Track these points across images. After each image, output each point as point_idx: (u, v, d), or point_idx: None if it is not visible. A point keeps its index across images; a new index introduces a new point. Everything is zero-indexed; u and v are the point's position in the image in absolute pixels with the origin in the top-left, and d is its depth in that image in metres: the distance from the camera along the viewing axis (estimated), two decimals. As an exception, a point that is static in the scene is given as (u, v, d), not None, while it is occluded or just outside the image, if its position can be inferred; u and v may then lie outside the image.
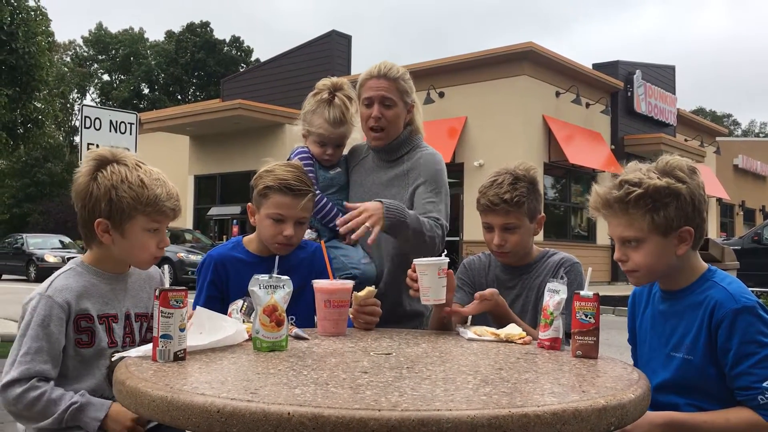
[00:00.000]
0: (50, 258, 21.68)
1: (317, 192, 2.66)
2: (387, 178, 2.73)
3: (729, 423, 1.80)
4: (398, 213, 2.41)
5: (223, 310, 2.24)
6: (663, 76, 24.22)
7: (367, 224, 2.34)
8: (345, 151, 2.87)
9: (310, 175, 2.64)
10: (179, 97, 55.02)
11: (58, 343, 1.88)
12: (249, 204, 2.44)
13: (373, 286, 2.34)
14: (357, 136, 2.84)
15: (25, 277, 22.08)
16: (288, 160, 2.75)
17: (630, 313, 2.20)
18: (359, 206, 2.38)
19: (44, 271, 20.85)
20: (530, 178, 2.38)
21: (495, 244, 2.37)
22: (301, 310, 2.31)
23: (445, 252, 2.31)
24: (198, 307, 1.89)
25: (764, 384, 1.76)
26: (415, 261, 2.22)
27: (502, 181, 2.34)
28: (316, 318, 2.26)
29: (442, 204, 2.65)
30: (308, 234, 2.69)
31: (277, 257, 2.06)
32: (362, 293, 2.24)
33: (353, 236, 2.37)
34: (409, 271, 2.27)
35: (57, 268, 2.06)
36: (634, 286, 2.10)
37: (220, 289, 2.36)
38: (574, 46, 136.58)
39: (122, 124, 7.56)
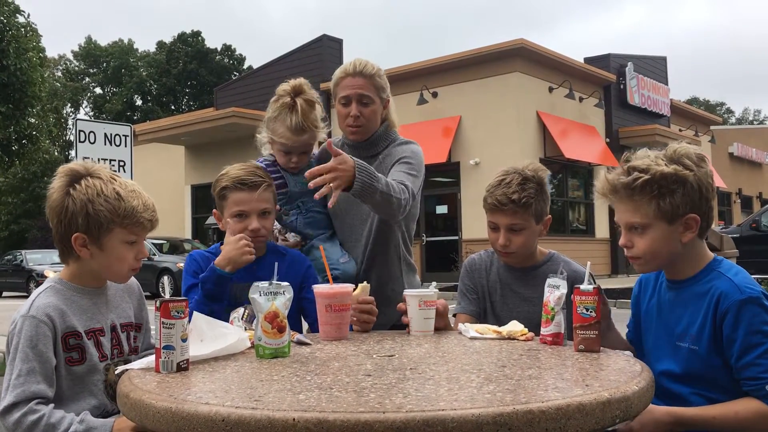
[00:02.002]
0: (50, 273, 21.59)
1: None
2: None
3: (738, 416, 1.79)
4: (369, 177, 2.28)
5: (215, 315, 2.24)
6: (655, 68, 24.25)
7: (331, 185, 2.21)
8: (316, 149, 2.82)
9: (279, 182, 2.64)
10: (173, 107, 55.01)
11: (50, 362, 1.86)
12: (214, 210, 2.49)
13: (365, 282, 2.35)
14: (324, 136, 2.76)
15: (25, 294, 22.04)
16: None
17: (634, 298, 2.20)
18: (331, 163, 2.23)
19: (44, 287, 20.80)
20: (539, 179, 2.36)
21: (500, 244, 2.35)
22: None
23: (427, 287, 2.28)
24: (195, 313, 1.88)
25: None
26: (405, 292, 2.24)
27: (511, 181, 2.32)
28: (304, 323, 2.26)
29: (417, 181, 2.60)
30: (291, 237, 2.68)
31: (276, 264, 2.06)
32: (356, 291, 2.24)
33: (316, 195, 2.26)
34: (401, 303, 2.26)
35: (57, 284, 2.05)
36: (639, 273, 2.10)
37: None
38: (562, 42, 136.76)
39: (117, 137, 7.55)
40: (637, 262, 1.97)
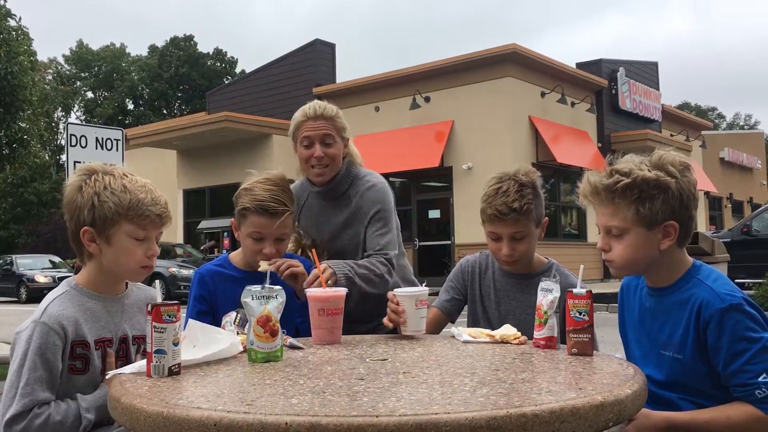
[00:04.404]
0: (41, 278, 21.53)
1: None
2: (343, 218, 2.73)
3: (731, 420, 1.79)
4: (348, 273, 2.45)
5: (214, 324, 2.24)
6: (646, 73, 24.37)
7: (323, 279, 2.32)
8: None
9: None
10: (165, 111, 54.91)
11: (57, 371, 1.84)
12: (232, 219, 2.48)
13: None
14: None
15: (15, 299, 21.91)
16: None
17: (619, 306, 2.20)
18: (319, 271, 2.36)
19: (35, 292, 20.72)
20: (533, 183, 2.35)
21: (504, 254, 2.33)
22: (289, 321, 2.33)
23: (425, 284, 2.31)
24: (190, 320, 1.87)
25: (760, 379, 1.76)
26: (395, 291, 2.22)
27: (508, 189, 2.29)
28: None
29: (391, 233, 2.69)
30: None
31: (269, 269, 2.06)
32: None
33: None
34: (390, 303, 2.23)
35: (48, 289, 2.03)
36: (616, 277, 2.10)
37: (209, 303, 2.38)
38: (555, 49, 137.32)
39: (108, 141, 7.52)
40: (613, 266, 1.97)
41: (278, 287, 1.88)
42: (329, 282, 2.33)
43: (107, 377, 1.76)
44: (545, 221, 2.41)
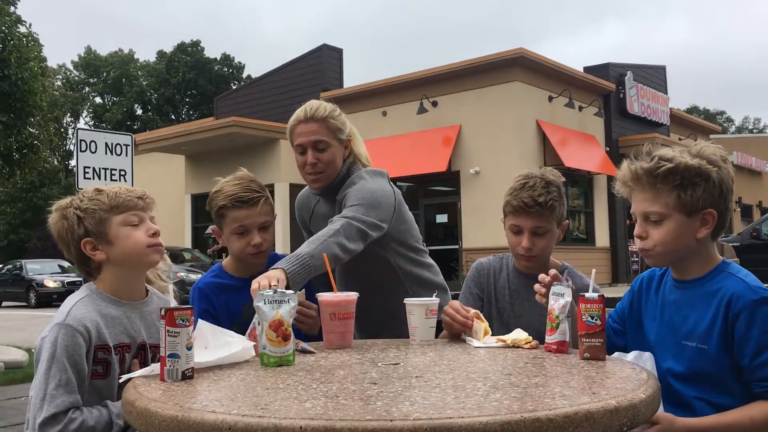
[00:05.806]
0: (50, 283, 21.61)
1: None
2: None
3: (753, 420, 1.80)
4: (298, 264, 2.14)
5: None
6: (654, 77, 24.30)
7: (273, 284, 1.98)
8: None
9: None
10: (173, 116, 55.13)
11: (84, 372, 1.87)
12: (213, 227, 2.48)
13: (303, 290, 2.29)
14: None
15: (25, 303, 22.00)
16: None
17: (631, 294, 2.18)
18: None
19: (44, 297, 20.81)
20: (558, 183, 2.38)
21: (523, 247, 2.34)
22: None
23: (435, 295, 2.29)
24: (200, 321, 1.87)
25: None
26: (405, 300, 2.22)
27: (534, 184, 2.33)
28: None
29: (362, 209, 2.38)
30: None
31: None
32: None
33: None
34: (451, 313, 2.21)
35: (57, 293, 2.08)
36: (651, 266, 2.09)
37: (213, 316, 2.36)
38: (560, 55, 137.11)
39: (118, 146, 7.55)
40: (649, 254, 1.96)
41: (290, 291, 1.88)
42: (280, 283, 2.02)
43: (120, 381, 1.77)
44: (566, 223, 2.42)
